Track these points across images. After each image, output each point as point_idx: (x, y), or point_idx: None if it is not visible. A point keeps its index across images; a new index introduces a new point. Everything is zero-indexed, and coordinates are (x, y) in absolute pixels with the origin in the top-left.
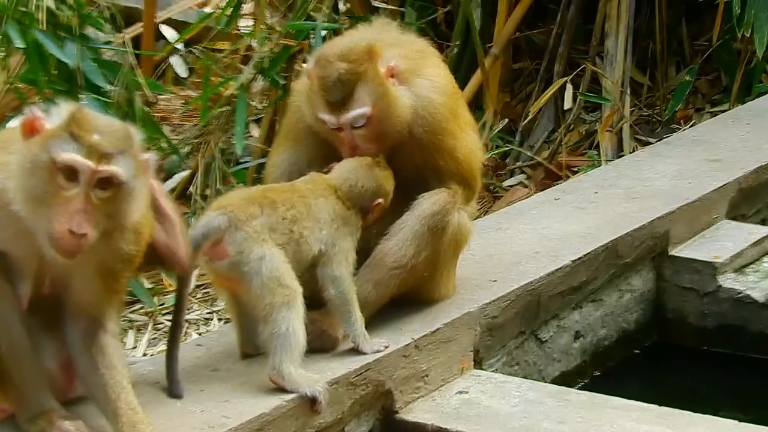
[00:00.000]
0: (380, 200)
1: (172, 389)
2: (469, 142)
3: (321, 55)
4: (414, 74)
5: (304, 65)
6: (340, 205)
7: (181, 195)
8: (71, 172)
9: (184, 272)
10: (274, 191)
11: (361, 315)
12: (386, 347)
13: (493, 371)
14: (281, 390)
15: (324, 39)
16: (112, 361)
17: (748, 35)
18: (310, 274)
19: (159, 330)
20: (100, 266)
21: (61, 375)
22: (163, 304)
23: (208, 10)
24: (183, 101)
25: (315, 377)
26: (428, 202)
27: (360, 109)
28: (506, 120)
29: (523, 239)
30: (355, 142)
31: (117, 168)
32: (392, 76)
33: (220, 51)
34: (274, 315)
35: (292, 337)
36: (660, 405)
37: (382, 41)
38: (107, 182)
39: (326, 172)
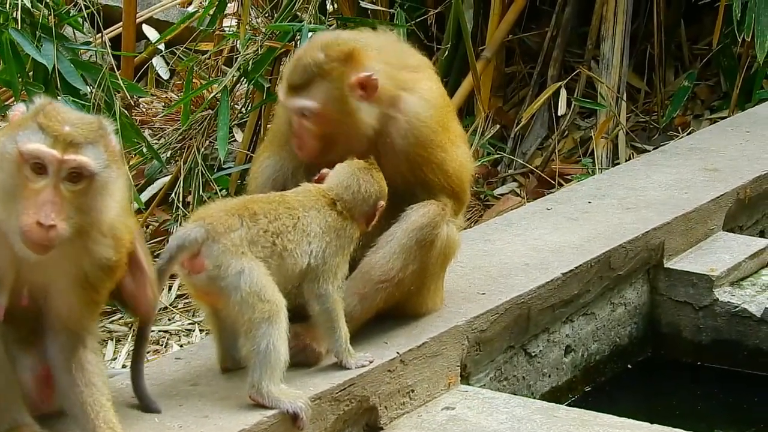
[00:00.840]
0: (382, 202)
1: (147, 405)
2: (459, 155)
3: (314, 38)
4: (403, 89)
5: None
6: (335, 216)
7: (162, 201)
8: (38, 164)
9: (145, 323)
10: (257, 202)
11: (347, 330)
12: (371, 362)
13: (480, 387)
14: (262, 406)
15: None
16: (91, 379)
17: (749, 39)
18: (294, 287)
19: None
20: (78, 274)
21: (37, 389)
22: None
23: (191, 9)
24: (164, 104)
25: (297, 393)
26: (416, 215)
27: (307, 102)
28: (498, 126)
29: (513, 251)
30: (300, 131)
31: (85, 158)
32: (362, 89)
33: (203, 52)
34: (254, 331)
35: (272, 355)
36: (653, 422)
37: (377, 50)
38: (77, 174)
39: (317, 180)
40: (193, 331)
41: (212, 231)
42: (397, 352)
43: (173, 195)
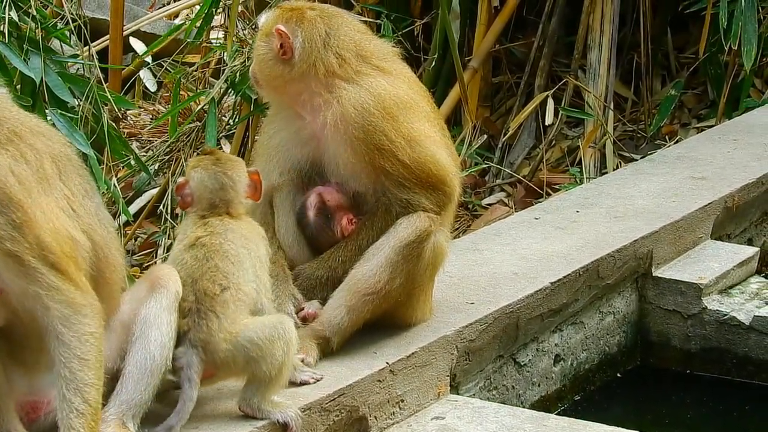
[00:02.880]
0: (253, 176)
1: None
2: (419, 152)
3: None
4: (345, 79)
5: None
6: (242, 224)
7: (151, 214)
8: None
9: None
10: (202, 278)
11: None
12: (317, 380)
13: (470, 396)
14: (252, 417)
15: None
16: (69, 343)
17: (736, 48)
18: None
19: None
20: None
21: (26, 405)
22: None
23: (177, 21)
24: (152, 116)
25: (287, 403)
26: (405, 231)
27: (262, 16)
28: (485, 135)
29: (502, 260)
30: None
31: None
32: (281, 46)
33: (190, 64)
34: (274, 370)
35: (275, 380)
36: (642, 430)
37: (339, 37)
38: None
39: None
40: None
41: (201, 347)
42: (387, 362)
43: (161, 207)
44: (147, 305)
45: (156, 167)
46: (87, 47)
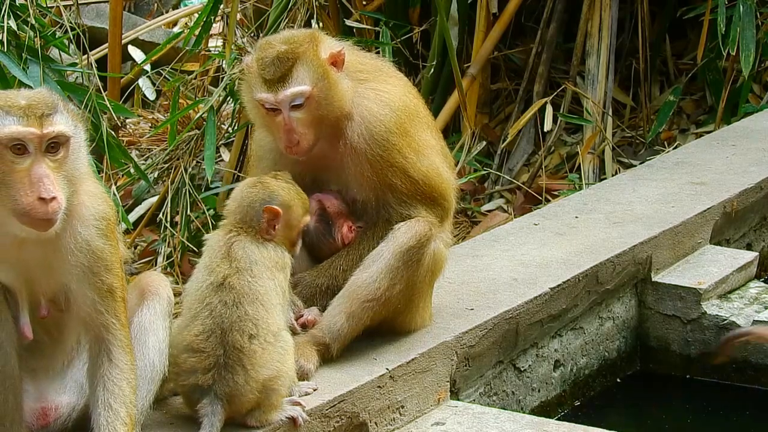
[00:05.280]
0: (271, 210)
1: None
2: (426, 164)
3: (262, 41)
4: (362, 83)
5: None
6: (271, 248)
7: (150, 222)
8: (18, 145)
9: None
10: (228, 321)
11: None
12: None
13: (470, 402)
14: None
15: None
16: (109, 400)
17: (734, 53)
18: None
19: None
20: (82, 257)
21: (36, 412)
22: None
23: (176, 29)
24: (151, 124)
25: (283, 402)
26: (405, 237)
27: (300, 87)
28: (484, 142)
29: (501, 266)
30: (292, 125)
31: (60, 126)
32: (334, 64)
33: (189, 72)
34: (284, 389)
35: (284, 393)
36: None
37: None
38: (55, 144)
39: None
40: None
41: (227, 399)
42: (387, 368)
43: (161, 215)
44: (140, 313)
45: (155, 175)
46: (86, 56)
